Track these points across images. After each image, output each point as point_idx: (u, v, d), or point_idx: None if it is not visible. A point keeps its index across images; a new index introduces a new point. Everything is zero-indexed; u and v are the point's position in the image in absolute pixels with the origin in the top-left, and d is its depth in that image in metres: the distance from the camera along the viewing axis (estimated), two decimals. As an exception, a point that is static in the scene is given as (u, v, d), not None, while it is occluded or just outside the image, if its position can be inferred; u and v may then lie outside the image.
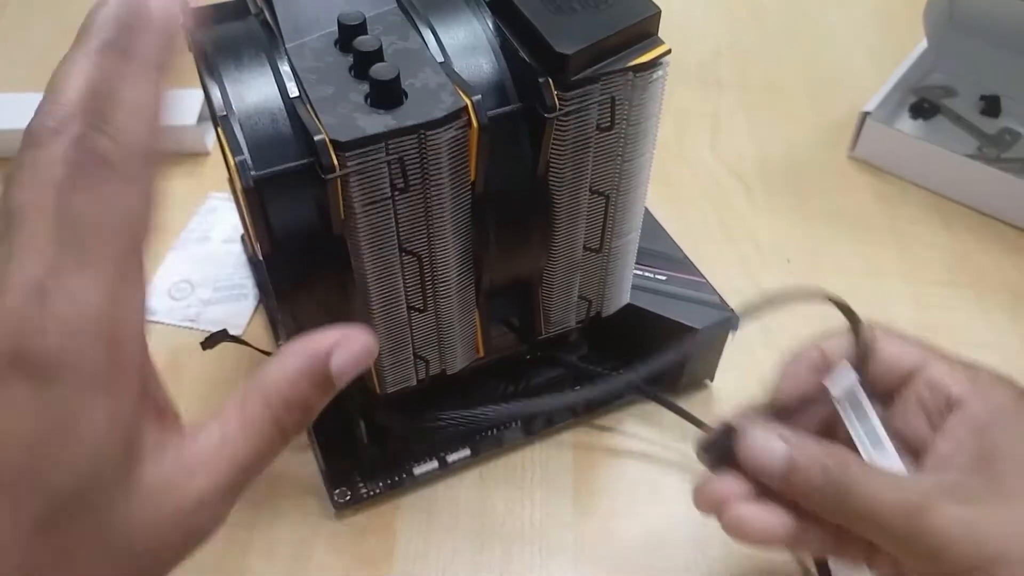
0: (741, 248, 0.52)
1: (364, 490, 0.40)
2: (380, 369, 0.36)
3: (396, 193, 0.30)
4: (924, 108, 0.60)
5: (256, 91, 0.31)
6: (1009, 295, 0.50)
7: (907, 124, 0.60)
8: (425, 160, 0.29)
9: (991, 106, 0.60)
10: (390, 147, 0.29)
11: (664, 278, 0.42)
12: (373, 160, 0.29)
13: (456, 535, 0.40)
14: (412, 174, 0.30)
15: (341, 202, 0.29)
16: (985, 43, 0.60)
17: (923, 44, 0.60)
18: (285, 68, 0.31)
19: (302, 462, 0.42)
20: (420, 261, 0.32)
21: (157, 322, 0.48)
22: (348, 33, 0.31)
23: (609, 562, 0.39)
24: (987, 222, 0.54)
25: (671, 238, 0.44)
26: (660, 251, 0.43)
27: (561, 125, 0.31)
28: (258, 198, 0.29)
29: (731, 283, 0.50)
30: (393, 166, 0.29)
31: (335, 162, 0.28)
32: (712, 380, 0.44)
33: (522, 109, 0.32)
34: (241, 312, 0.49)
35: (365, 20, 0.31)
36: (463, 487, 0.41)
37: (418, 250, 0.32)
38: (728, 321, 0.41)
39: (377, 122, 0.28)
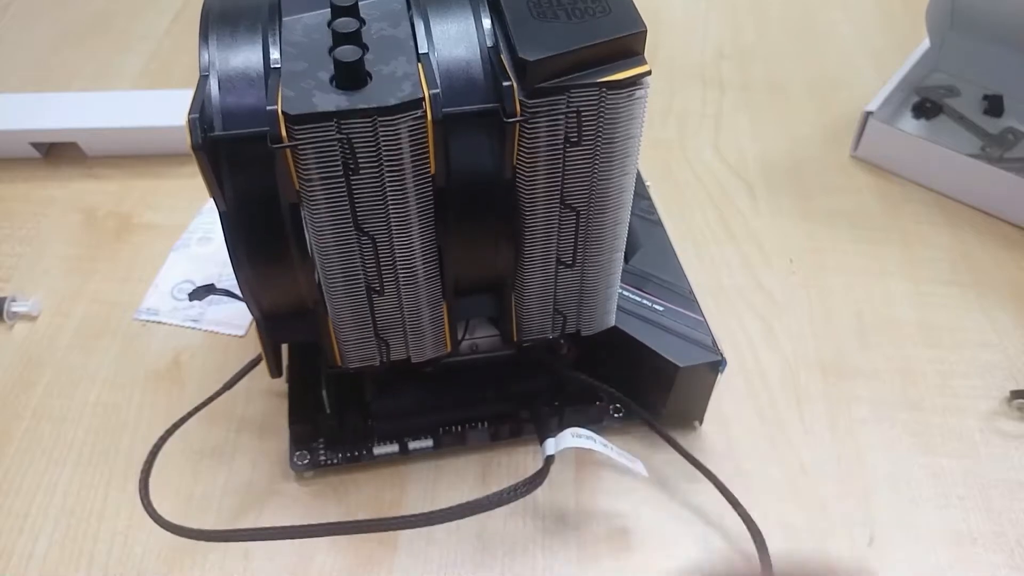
0: (743, 247, 0.52)
1: (323, 458, 0.41)
2: (340, 343, 0.36)
3: (350, 173, 0.30)
4: (926, 108, 0.60)
5: (242, 57, 0.32)
6: (1012, 294, 0.50)
7: (909, 124, 0.60)
8: (380, 145, 0.30)
9: (994, 105, 0.60)
10: (342, 127, 0.29)
11: (661, 308, 0.41)
12: (322, 137, 0.29)
13: (459, 536, 0.40)
14: (365, 157, 0.30)
15: (294, 173, 0.30)
16: (988, 42, 0.60)
17: (925, 43, 0.60)
18: (276, 40, 0.32)
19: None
20: (377, 244, 0.32)
21: (160, 322, 0.49)
22: (338, 14, 0.31)
23: (612, 562, 0.39)
24: (990, 221, 0.54)
25: (683, 272, 0.43)
26: (666, 280, 0.43)
27: (527, 132, 0.31)
28: (206, 159, 0.30)
29: (734, 283, 0.50)
30: (344, 146, 0.29)
31: (283, 133, 0.29)
32: (701, 423, 0.43)
33: (489, 111, 0.31)
34: (243, 312, 0.49)
35: (357, 3, 0.32)
36: (465, 487, 0.41)
37: (376, 232, 0.32)
38: (714, 365, 0.40)
39: (331, 101, 0.29)
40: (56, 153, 0.59)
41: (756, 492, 0.41)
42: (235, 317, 0.48)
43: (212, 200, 0.31)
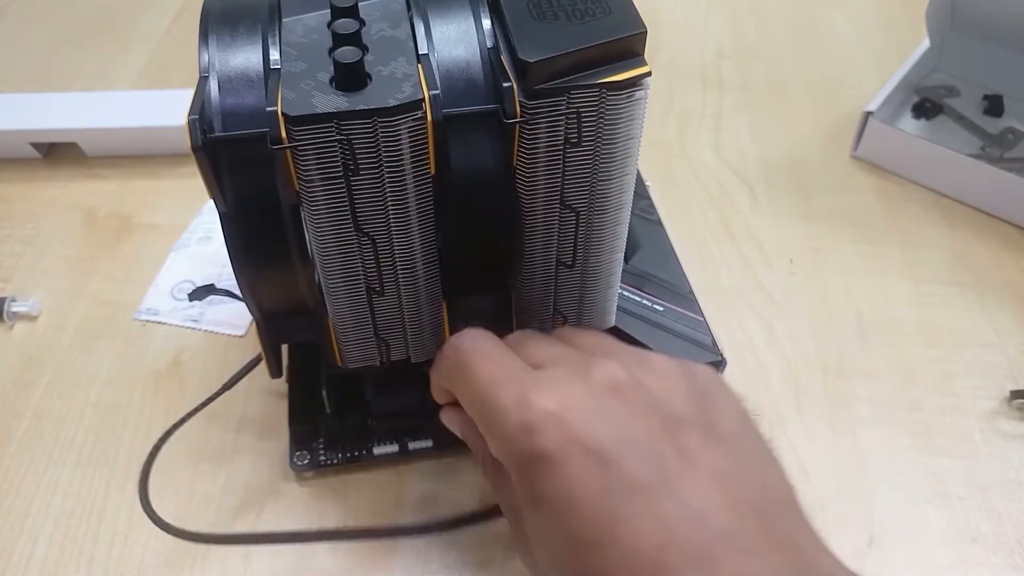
0: (743, 248, 0.52)
1: (323, 458, 0.41)
2: (341, 343, 0.36)
3: (350, 174, 0.30)
4: (927, 108, 0.60)
5: (242, 58, 0.32)
6: (1012, 294, 0.50)
7: (909, 124, 0.60)
8: (381, 146, 0.30)
9: (994, 106, 0.60)
10: (342, 128, 0.29)
11: (661, 309, 0.41)
12: (322, 138, 0.29)
13: (459, 535, 0.40)
14: (365, 158, 0.30)
15: (294, 174, 0.30)
16: (988, 42, 0.60)
17: (925, 43, 0.60)
18: (276, 40, 0.32)
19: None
20: (377, 244, 0.33)
21: (160, 322, 0.49)
22: (338, 15, 0.32)
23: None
24: (990, 221, 0.54)
25: (683, 272, 0.43)
26: (666, 280, 0.43)
27: (527, 133, 0.31)
28: (205, 160, 0.30)
29: (734, 283, 0.50)
30: (344, 147, 0.29)
31: (283, 135, 0.29)
32: None
33: (489, 112, 0.31)
34: (243, 312, 0.49)
35: (356, 4, 0.32)
36: (466, 487, 0.41)
37: (377, 233, 0.32)
38: (714, 365, 0.40)
39: (331, 102, 0.29)
40: (56, 153, 0.59)
41: (756, 492, 0.41)
42: (235, 317, 0.48)
43: (212, 200, 0.31)
